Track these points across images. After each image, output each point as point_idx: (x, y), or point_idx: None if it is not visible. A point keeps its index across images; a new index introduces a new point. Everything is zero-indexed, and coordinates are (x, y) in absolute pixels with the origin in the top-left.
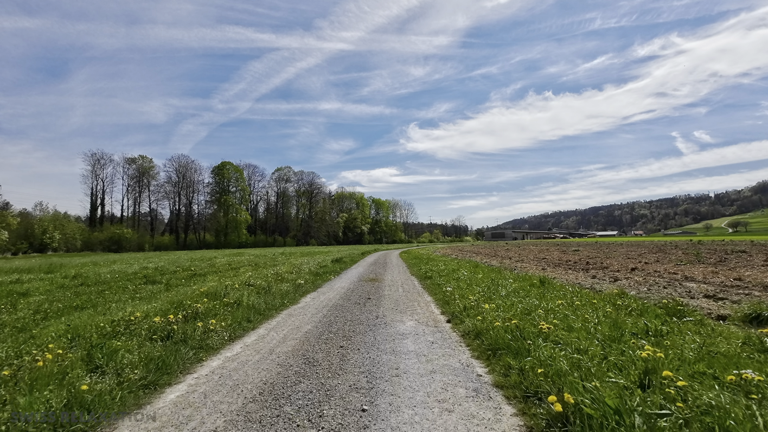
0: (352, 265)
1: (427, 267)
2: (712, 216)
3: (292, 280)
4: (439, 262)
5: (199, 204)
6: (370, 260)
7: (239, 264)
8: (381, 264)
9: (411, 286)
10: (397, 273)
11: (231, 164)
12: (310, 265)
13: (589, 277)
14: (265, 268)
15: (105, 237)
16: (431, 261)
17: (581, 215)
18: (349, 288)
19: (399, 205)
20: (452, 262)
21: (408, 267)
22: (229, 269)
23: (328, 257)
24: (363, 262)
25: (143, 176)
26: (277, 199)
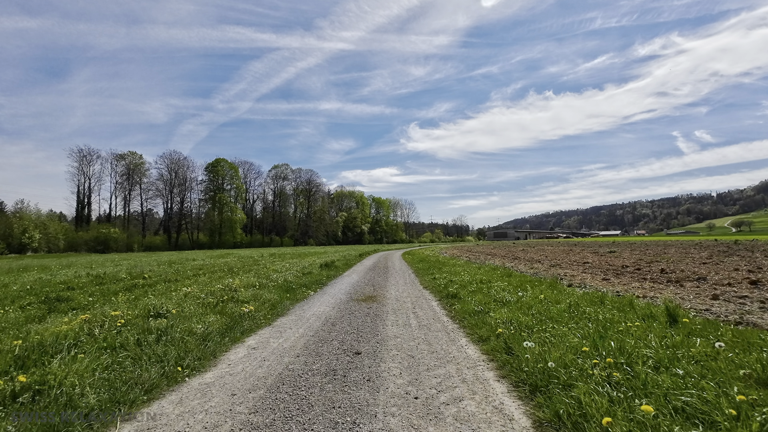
0: (345, 271)
1: (442, 275)
2: (715, 215)
3: (241, 302)
4: (454, 267)
5: (192, 203)
6: (368, 263)
7: (212, 268)
8: (381, 270)
9: (430, 315)
10: (403, 285)
11: (226, 161)
12: (290, 272)
13: (707, 297)
14: (231, 276)
15: (90, 237)
16: (443, 265)
17: (582, 215)
18: (327, 319)
19: (400, 204)
20: (470, 268)
21: (416, 274)
22: (190, 275)
23: (319, 260)
24: (359, 267)
25: (133, 173)
26: (274, 197)
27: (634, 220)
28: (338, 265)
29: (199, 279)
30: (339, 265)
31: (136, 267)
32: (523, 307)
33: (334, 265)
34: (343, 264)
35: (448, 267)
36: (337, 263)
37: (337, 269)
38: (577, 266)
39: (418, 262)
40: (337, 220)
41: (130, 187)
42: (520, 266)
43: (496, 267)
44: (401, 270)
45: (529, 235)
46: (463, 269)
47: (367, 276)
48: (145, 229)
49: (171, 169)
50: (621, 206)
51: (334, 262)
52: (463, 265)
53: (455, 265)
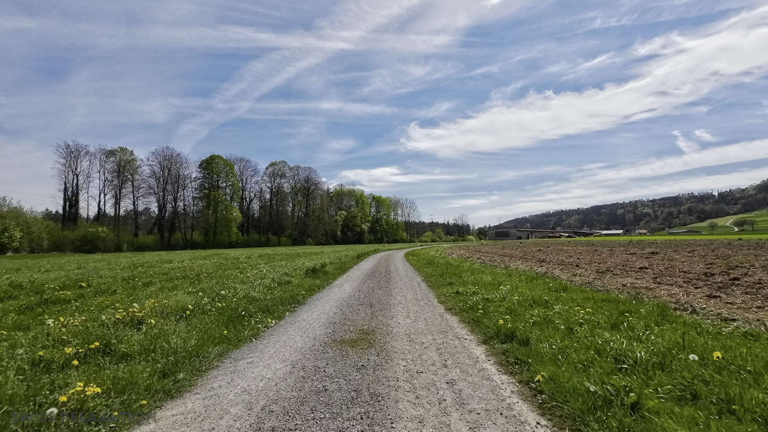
0: (337, 279)
1: (466, 288)
2: (717, 215)
3: (120, 355)
4: (475, 272)
5: (185, 201)
6: (366, 267)
7: (176, 274)
8: (381, 277)
9: (484, 395)
10: (414, 306)
11: (221, 158)
12: (263, 282)
13: None
14: (192, 285)
15: (76, 236)
16: (459, 270)
17: (583, 214)
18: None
19: (401, 203)
20: (497, 275)
21: (428, 284)
22: (139, 285)
23: (310, 262)
24: (355, 273)
25: (123, 170)
26: (272, 196)
27: (636, 219)
28: (329, 271)
29: (137, 292)
30: (330, 270)
31: (94, 271)
32: None
33: (324, 271)
34: (336, 268)
35: (467, 273)
36: (328, 267)
37: (326, 276)
38: (635, 272)
39: (425, 266)
40: (336, 219)
41: (120, 184)
42: (555, 271)
43: (532, 275)
44: (407, 277)
45: (531, 235)
46: (489, 277)
47: (364, 287)
48: (138, 228)
49: (164, 166)
50: (622, 205)
51: (324, 266)
52: (483, 270)
53: (474, 270)
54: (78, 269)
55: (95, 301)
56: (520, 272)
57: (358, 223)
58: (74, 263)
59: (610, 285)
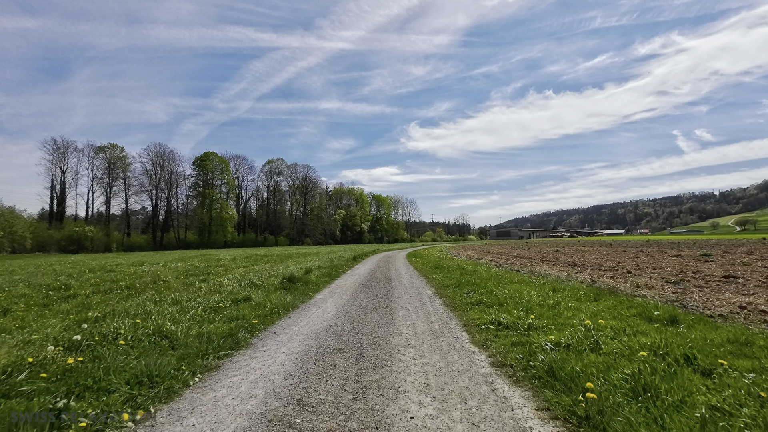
0: (319, 292)
1: (502, 309)
2: (718, 214)
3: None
4: (500, 282)
5: (178, 199)
6: (362, 272)
7: (134, 280)
8: (380, 287)
9: None
10: (431, 346)
11: (215, 155)
12: (213, 299)
13: None
14: (88, 309)
15: (62, 236)
16: (473, 276)
17: (584, 213)
18: None
19: (401, 202)
20: (526, 284)
21: (442, 299)
22: (83, 294)
23: (296, 266)
24: (346, 280)
25: (113, 168)
26: (269, 194)
27: (636, 219)
28: (312, 279)
29: (29, 314)
30: (314, 279)
31: (25, 278)
32: None
33: (305, 280)
34: (324, 275)
35: (492, 282)
36: (314, 274)
37: (305, 288)
38: (725, 284)
39: (433, 270)
40: (335, 218)
41: (110, 182)
42: (605, 279)
43: (593, 290)
44: (413, 287)
45: (533, 234)
46: (533, 291)
47: (353, 308)
48: (129, 227)
49: (156, 163)
50: (623, 205)
51: (309, 272)
52: (510, 277)
53: (499, 278)
54: (11, 276)
55: None
56: (563, 282)
57: (358, 222)
58: (25, 266)
59: (721, 308)
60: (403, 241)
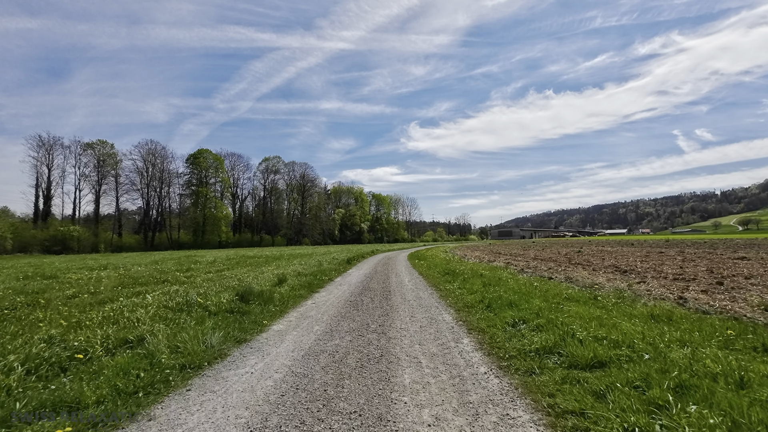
0: (276, 321)
1: (620, 376)
2: (720, 214)
3: None
4: (544, 298)
5: (171, 198)
6: (354, 280)
7: (77, 287)
8: (373, 309)
9: None
10: None
11: (209, 152)
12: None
13: None
14: None
15: (45, 236)
16: (501, 287)
17: (585, 213)
18: None
19: (401, 202)
20: (585, 302)
21: (481, 347)
22: None
23: (276, 271)
24: (328, 295)
25: (102, 165)
26: (265, 193)
27: (638, 218)
28: (281, 293)
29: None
30: (284, 293)
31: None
32: None
33: (267, 296)
34: (302, 285)
35: (535, 299)
36: (287, 285)
37: (262, 311)
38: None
39: (442, 277)
40: (333, 217)
41: (99, 180)
42: (690, 293)
43: (669, 308)
44: (421, 307)
45: (535, 234)
46: (596, 313)
47: (324, 357)
48: (121, 227)
49: (147, 160)
50: (623, 205)
51: (282, 282)
52: (552, 290)
53: (539, 291)
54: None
55: None
56: (633, 298)
57: (357, 222)
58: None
59: None
60: (403, 241)
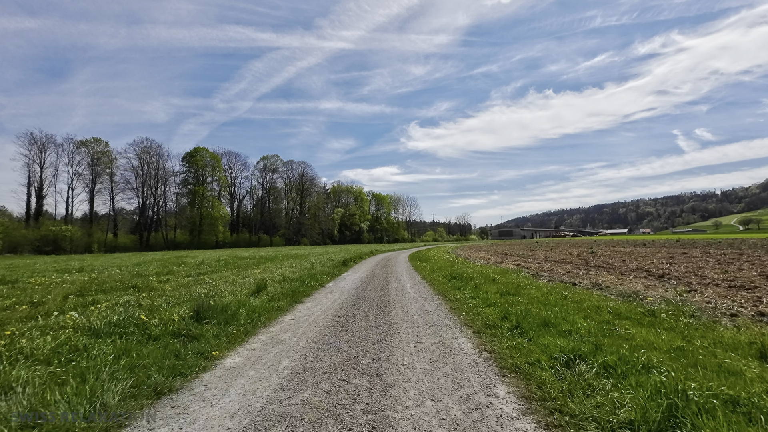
0: (242, 344)
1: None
2: (720, 213)
3: None
4: (590, 318)
5: (166, 197)
6: (348, 286)
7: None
8: (368, 328)
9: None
10: None
11: (206, 150)
12: None
13: None
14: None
15: (36, 236)
16: (526, 300)
17: (585, 213)
18: None
19: (402, 201)
20: (667, 330)
21: (529, 412)
22: None
23: (251, 279)
24: (314, 308)
25: (97, 164)
26: (263, 192)
27: (638, 218)
28: (254, 306)
29: None
30: (258, 305)
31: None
32: None
33: (231, 312)
34: (284, 294)
35: (572, 313)
36: (264, 296)
37: (219, 335)
38: None
39: (449, 282)
40: (332, 217)
41: (93, 178)
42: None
43: None
44: (428, 325)
45: (535, 234)
46: (666, 342)
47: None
48: (117, 227)
49: (143, 158)
50: (624, 204)
51: (261, 291)
52: (586, 302)
53: (572, 302)
54: None
55: None
56: (701, 316)
57: (357, 221)
58: None
59: None
60: (403, 241)
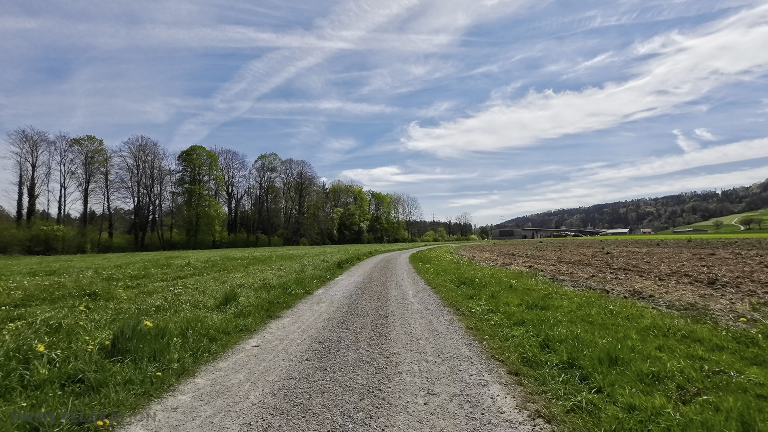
0: (137, 418)
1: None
2: (721, 213)
3: None
4: (674, 354)
5: (163, 197)
6: (339, 294)
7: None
8: (357, 376)
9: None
10: None
11: (203, 149)
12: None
13: None
14: None
15: (26, 236)
16: (566, 318)
17: (585, 213)
18: None
19: (402, 201)
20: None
21: None
22: None
23: (238, 282)
24: (289, 328)
25: (90, 162)
26: (261, 191)
27: (638, 218)
28: (207, 326)
29: None
30: (216, 324)
31: None
32: None
33: (160, 345)
34: (257, 307)
35: (645, 344)
36: (228, 311)
37: (131, 376)
38: None
39: (457, 289)
40: (332, 216)
41: (87, 177)
42: None
43: None
44: (441, 358)
45: (536, 234)
46: None
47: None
48: (112, 226)
49: (138, 157)
50: (624, 204)
51: (228, 302)
52: (662, 324)
53: (628, 320)
54: None
55: None
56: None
57: (356, 221)
58: None
59: None
60: (404, 241)
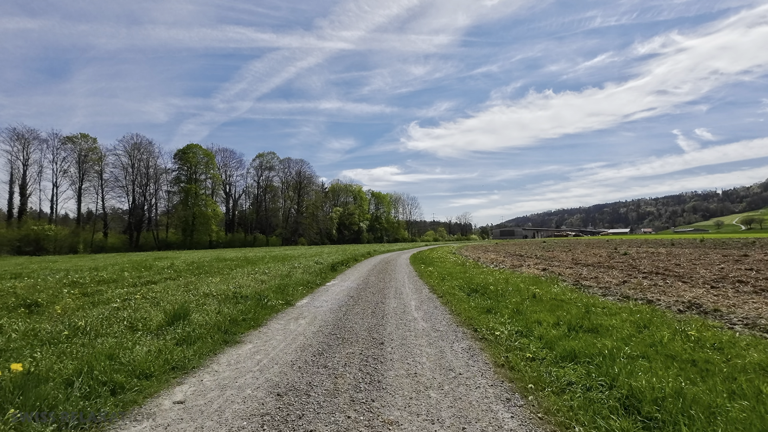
0: None
1: None
2: (722, 213)
3: None
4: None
5: (158, 196)
6: (326, 306)
7: None
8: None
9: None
10: None
11: (199, 147)
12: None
13: None
14: None
15: (16, 236)
16: (649, 352)
17: (585, 213)
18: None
19: (402, 200)
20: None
21: None
22: None
23: (202, 291)
24: (244, 365)
25: (84, 161)
26: (259, 191)
27: (639, 218)
28: (134, 357)
29: None
30: (141, 358)
31: None
32: None
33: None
34: (214, 327)
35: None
36: (165, 338)
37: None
38: None
39: (468, 297)
40: (331, 216)
41: (81, 176)
42: None
43: None
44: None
45: (537, 234)
46: None
47: None
48: (107, 226)
49: (133, 155)
50: (624, 204)
51: (176, 320)
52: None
53: (724, 351)
54: None
55: None
56: None
57: (356, 221)
58: None
59: None
60: (404, 241)
